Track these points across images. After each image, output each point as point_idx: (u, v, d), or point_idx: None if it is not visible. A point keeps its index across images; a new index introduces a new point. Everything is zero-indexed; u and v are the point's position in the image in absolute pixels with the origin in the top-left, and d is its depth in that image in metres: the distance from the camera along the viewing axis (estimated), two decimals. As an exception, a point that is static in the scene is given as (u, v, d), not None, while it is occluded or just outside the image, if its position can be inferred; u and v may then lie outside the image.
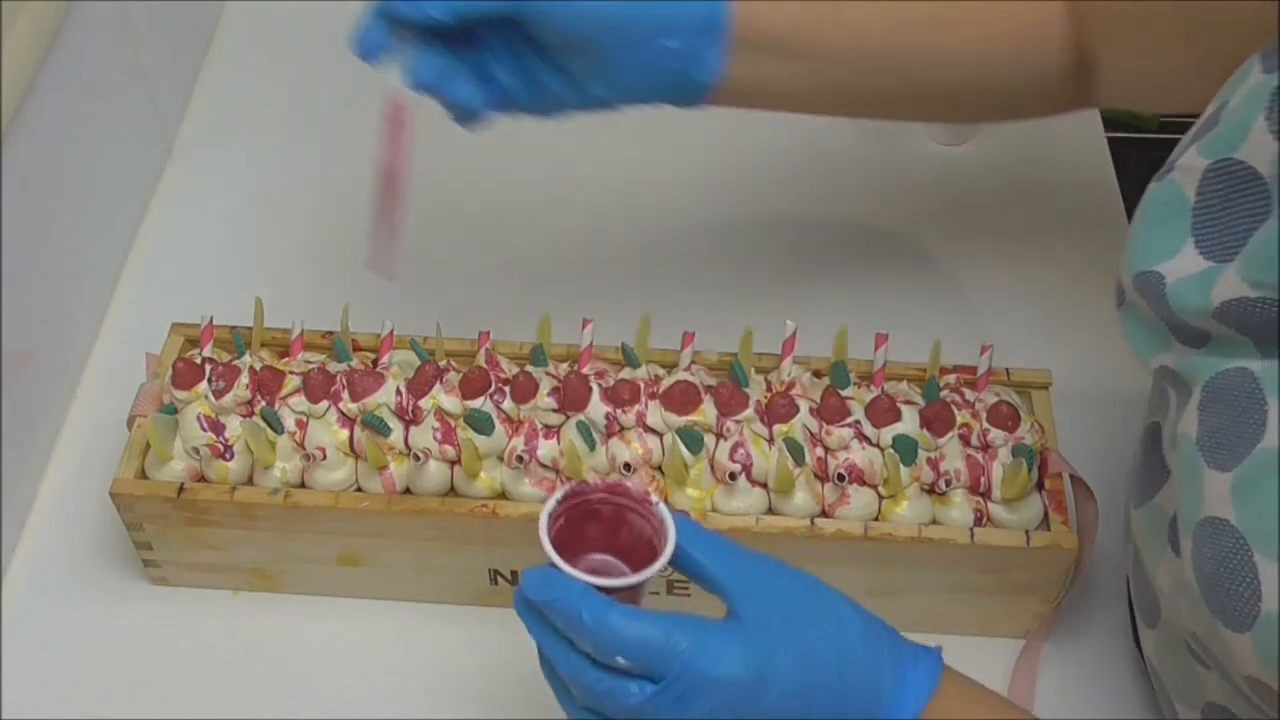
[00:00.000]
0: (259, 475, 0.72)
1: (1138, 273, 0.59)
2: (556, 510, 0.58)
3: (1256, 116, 0.55)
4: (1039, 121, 1.03)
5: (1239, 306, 0.54)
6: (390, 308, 0.76)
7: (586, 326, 0.73)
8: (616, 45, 0.66)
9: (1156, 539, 0.64)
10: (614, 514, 0.59)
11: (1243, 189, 0.56)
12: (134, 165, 0.97)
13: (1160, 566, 0.63)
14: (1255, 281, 0.53)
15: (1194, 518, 0.55)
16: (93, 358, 0.89)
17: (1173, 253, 0.58)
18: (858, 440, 0.71)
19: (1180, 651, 0.63)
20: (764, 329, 0.75)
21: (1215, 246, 0.56)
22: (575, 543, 0.59)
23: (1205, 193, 0.57)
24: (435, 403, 0.72)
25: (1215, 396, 0.55)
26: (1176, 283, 0.57)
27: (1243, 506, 0.52)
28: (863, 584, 0.73)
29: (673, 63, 0.67)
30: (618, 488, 0.59)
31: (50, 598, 0.77)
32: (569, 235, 0.96)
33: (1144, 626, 0.68)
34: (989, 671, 0.74)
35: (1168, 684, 0.66)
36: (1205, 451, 0.55)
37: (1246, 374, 0.54)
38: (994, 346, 0.74)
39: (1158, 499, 0.64)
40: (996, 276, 0.94)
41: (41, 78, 0.78)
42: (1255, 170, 0.55)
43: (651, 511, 0.58)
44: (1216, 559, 0.53)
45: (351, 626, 0.76)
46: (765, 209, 0.98)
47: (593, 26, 0.65)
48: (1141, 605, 0.68)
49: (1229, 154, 0.56)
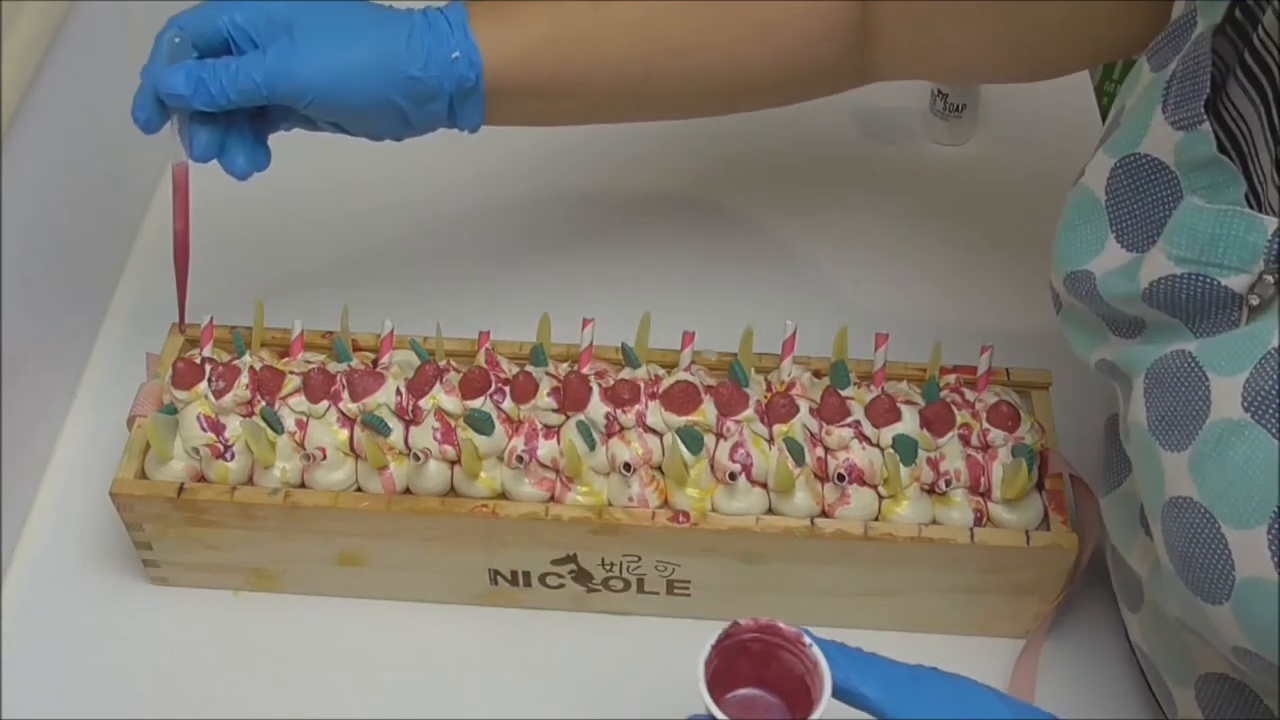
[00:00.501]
0: (259, 475, 0.72)
1: (1067, 274, 0.62)
2: (710, 655, 0.57)
3: (1154, 110, 0.58)
4: (1039, 121, 1.04)
5: (1167, 285, 0.56)
6: (390, 308, 0.76)
7: (586, 326, 0.73)
8: (377, 121, 0.71)
9: (1128, 525, 0.65)
10: (764, 649, 0.59)
11: (1151, 179, 0.58)
12: (134, 165, 0.97)
13: (1134, 552, 0.65)
14: (1180, 259, 0.55)
15: (1159, 501, 0.56)
16: (93, 358, 0.89)
17: (1097, 250, 0.60)
18: (858, 440, 0.71)
19: (1167, 629, 0.64)
20: (764, 329, 0.75)
21: (1134, 237, 0.59)
22: (724, 677, 0.58)
23: (1115, 189, 0.60)
24: (435, 403, 0.72)
25: (1158, 382, 0.57)
26: (1104, 276, 0.59)
27: (1202, 481, 0.53)
28: (863, 584, 0.73)
29: (435, 121, 0.72)
30: (770, 628, 0.58)
31: (50, 598, 0.77)
32: (569, 235, 0.96)
33: (1128, 612, 0.69)
34: (989, 671, 0.74)
35: (1158, 664, 0.67)
36: (1158, 435, 0.56)
37: (1184, 355, 0.56)
38: (994, 346, 0.74)
39: (1124, 487, 0.66)
40: (996, 276, 0.94)
41: (41, 78, 0.78)
42: (1159, 160, 0.57)
43: (805, 652, 0.57)
44: (1185, 537, 0.54)
45: (351, 626, 0.76)
46: (765, 209, 0.98)
47: (350, 113, 0.70)
48: (1123, 591, 0.70)
49: (1132, 149, 0.59)
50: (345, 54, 0.68)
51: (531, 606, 0.76)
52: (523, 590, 0.75)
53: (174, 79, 0.67)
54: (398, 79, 0.68)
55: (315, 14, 0.68)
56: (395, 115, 0.70)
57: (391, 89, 0.69)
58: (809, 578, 0.73)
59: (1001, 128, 1.03)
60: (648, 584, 0.74)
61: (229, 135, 0.71)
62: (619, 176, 1.00)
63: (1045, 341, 0.88)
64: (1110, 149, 0.61)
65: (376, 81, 0.68)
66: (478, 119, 0.72)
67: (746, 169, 1.00)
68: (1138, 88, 0.61)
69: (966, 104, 0.99)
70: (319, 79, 0.67)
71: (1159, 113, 0.57)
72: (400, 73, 0.68)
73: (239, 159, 0.72)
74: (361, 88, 0.68)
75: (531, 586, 0.75)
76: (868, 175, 1.00)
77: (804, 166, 0.99)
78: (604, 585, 0.74)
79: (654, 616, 0.76)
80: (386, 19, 0.70)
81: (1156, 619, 0.66)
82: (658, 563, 0.72)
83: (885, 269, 0.94)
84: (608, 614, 0.76)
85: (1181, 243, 0.55)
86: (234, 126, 0.71)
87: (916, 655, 0.75)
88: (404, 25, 0.69)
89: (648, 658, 0.75)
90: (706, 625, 0.75)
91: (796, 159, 1.01)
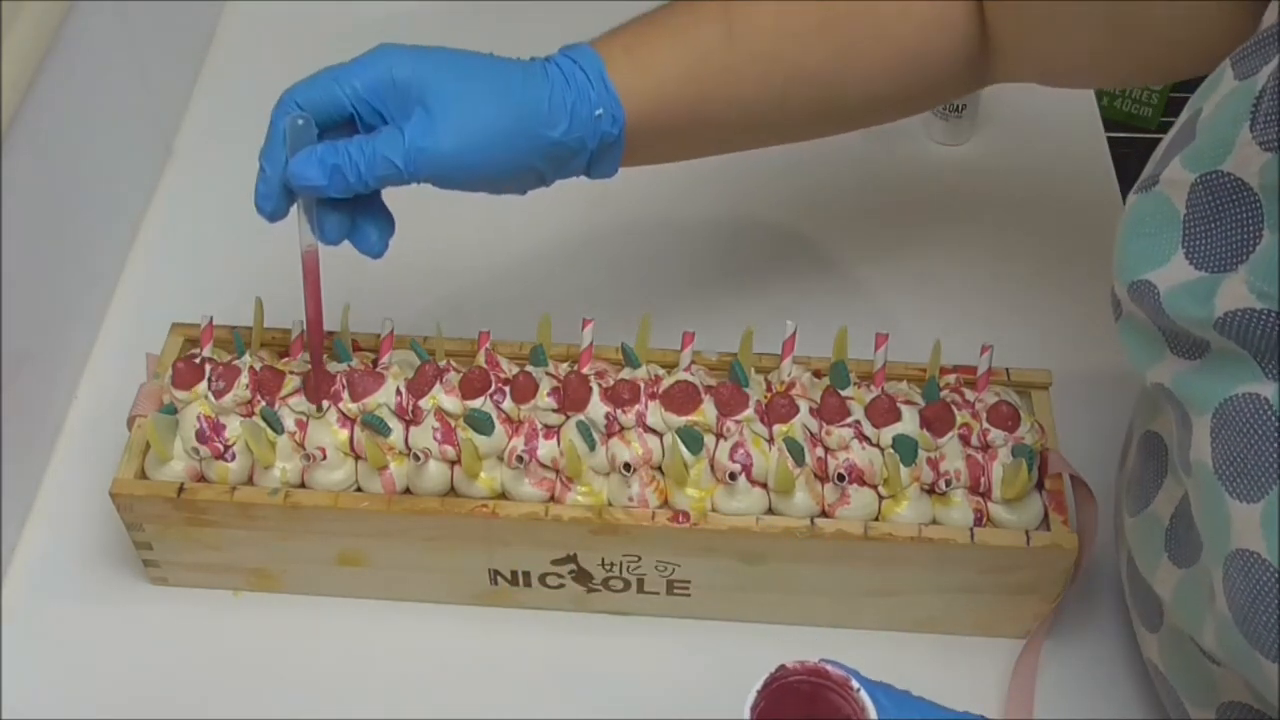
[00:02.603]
0: (259, 475, 0.72)
1: (1130, 282, 0.59)
2: (757, 700, 0.57)
3: (1240, 127, 0.55)
4: (1039, 121, 1.04)
5: (1243, 318, 0.53)
6: (390, 308, 0.76)
7: (586, 326, 0.73)
8: (511, 184, 0.67)
9: (1152, 547, 0.64)
10: (812, 691, 0.58)
11: (1232, 200, 0.55)
12: (134, 165, 0.97)
13: (1158, 574, 0.63)
14: (1261, 293, 0.53)
15: (1222, 549, 0.54)
16: (93, 358, 0.89)
17: (1162, 261, 0.58)
18: (858, 440, 0.71)
19: (1189, 653, 0.63)
20: (764, 329, 0.75)
21: (1206, 257, 0.56)
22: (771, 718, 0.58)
23: (1195, 205, 0.57)
24: (435, 403, 0.72)
25: (1227, 424, 0.54)
26: (1170, 290, 0.57)
27: (1273, 539, 0.51)
28: (863, 584, 0.73)
29: (570, 175, 0.69)
30: (818, 671, 0.57)
31: (50, 598, 0.77)
32: (569, 235, 0.96)
33: (1145, 631, 0.68)
34: (989, 671, 0.75)
35: (1176, 687, 0.66)
36: (1225, 480, 0.54)
37: (1260, 401, 0.53)
38: (994, 346, 0.74)
39: (1153, 507, 0.64)
40: (996, 276, 0.94)
41: (41, 78, 0.78)
42: (1243, 181, 0.55)
43: (853, 696, 0.57)
44: (1250, 593, 0.52)
45: (351, 626, 0.76)
46: (765, 209, 0.98)
47: (485, 182, 0.66)
48: (1141, 610, 0.68)
49: (1215, 166, 0.56)
50: (486, 125, 0.63)
51: (531, 606, 0.76)
52: (523, 590, 0.75)
53: (307, 169, 0.63)
54: (541, 144, 0.65)
55: (446, 78, 0.64)
56: (532, 177, 0.67)
57: (534, 155, 0.65)
58: (809, 578, 0.73)
59: (1001, 128, 1.03)
60: (648, 584, 0.74)
61: (358, 213, 0.67)
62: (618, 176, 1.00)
63: (1045, 341, 0.88)
64: (1191, 162, 0.57)
65: (519, 150, 0.65)
66: (614, 169, 0.70)
67: (746, 169, 1.00)
68: (1217, 95, 0.57)
69: (966, 104, 0.99)
70: (461, 156, 0.63)
71: (1246, 130, 0.54)
72: (544, 138, 0.65)
73: (372, 236, 0.67)
74: (504, 158, 0.64)
75: (531, 586, 0.75)
76: (868, 175, 1.00)
77: (804, 166, 0.99)
78: (604, 585, 0.74)
79: (654, 616, 0.76)
80: (521, 76, 0.65)
81: (1178, 642, 0.64)
82: (658, 563, 0.72)
83: (885, 269, 0.94)
84: (608, 614, 0.76)
85: (1266, 276, 0.52)
86: (360, 201, 0.67)
87: (916, 655, 0.75)
88: (542, 84, 0.65)
89: (648, 658, 0.75)
90: (706, 625, 0.76)
91: (796, 159, 1.00)
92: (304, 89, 0.65)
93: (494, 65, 0.66)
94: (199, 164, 1.01)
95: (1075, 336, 0.89)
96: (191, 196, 0.99)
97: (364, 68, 0.64)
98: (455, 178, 0.65)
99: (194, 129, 1.04)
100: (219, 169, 1.01)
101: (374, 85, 0.64)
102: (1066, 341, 0.89)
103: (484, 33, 1.12)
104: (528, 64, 0.67)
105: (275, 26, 1.11)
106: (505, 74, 0.65)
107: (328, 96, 0.64)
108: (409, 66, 0.64)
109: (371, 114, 0.64)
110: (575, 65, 0.66)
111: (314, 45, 1.10)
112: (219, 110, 1.05)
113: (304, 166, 0.63)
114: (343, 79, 0.64)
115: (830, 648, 0.75)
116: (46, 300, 0.83)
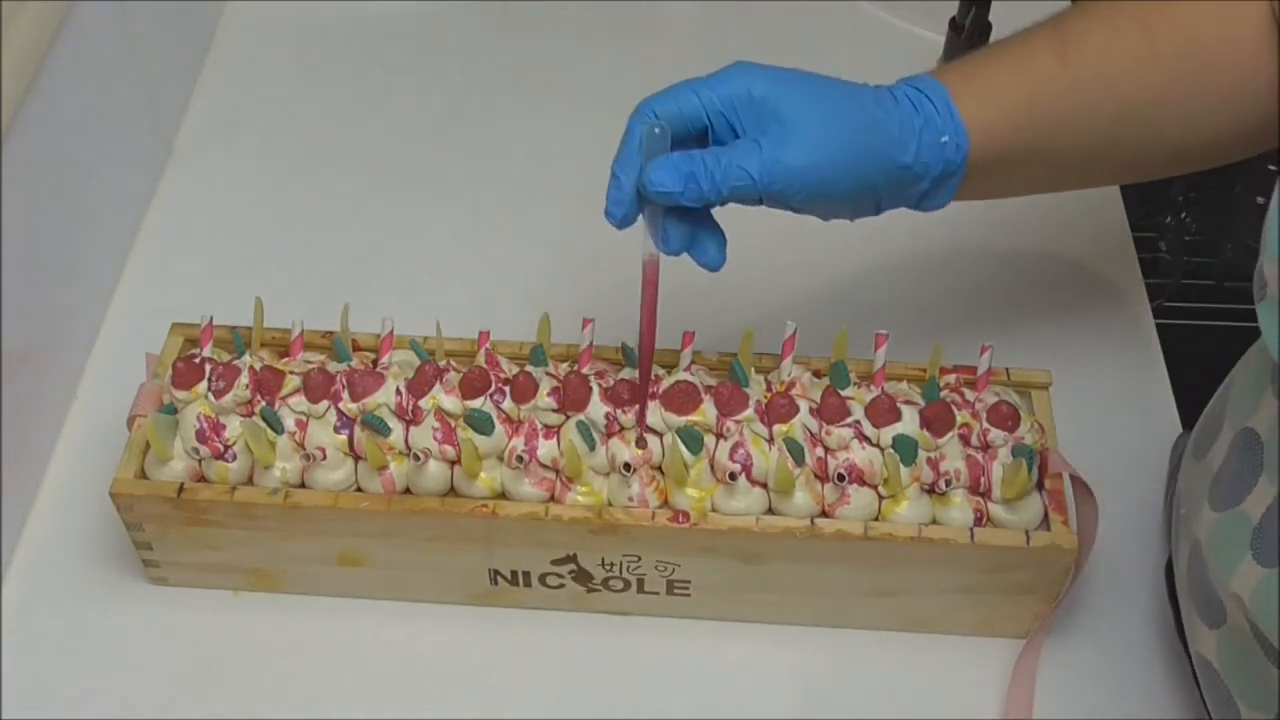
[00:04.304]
0: (259, 475, 0.72)
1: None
2: None
3: None
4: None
5: None
6: (390, 308, 0.76)
7: (586, 326, 0.73)
8: (848, 208, 0.68)
9: (1235, 546, 0.62)
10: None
11: None
12: (134, 165, 0.97)
13: (1237, 572, 0.62)
14: None
15: None
16: (93, 358, 0.89)
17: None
18: (858, 440, 0.71)
19: (1251, 653, 0.62)
20: (764, 329, 0.75)
21: None
22: None
23: None
24: (435, 403, 0.72)
25: None
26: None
27: None
28: (863, 584, 0.73)
29: (904, 203, 0.69)
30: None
31: (50, 598, 0.77)
32: (569, 235, 0.96)
33: (1203, 627, 0.67)
34: (989, 671, 0.75)
35: (1231, 686, 0.65)
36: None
37: None
38: (994, 346, 0.74)
39: (1243, 506, 0.63)
40: (996, 276, 0.94)
41: (41, 78, 0.78)
42: None
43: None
44: None
45: (351, 626, 0.76)
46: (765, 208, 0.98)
47: (828, 203, 0.66)
48: (1201, 605, 0.67)
49: None
50: (841, 144, 0.64)
51: (531, 606, 0.76)
52: (523, 590, 0.75)
53: (664, 176, 0.63)
54: (889, 167, 0.65)
55: (803, 97, 0.64)
56: (870, 201, 0.67)
57: (879, 176, 0.65)
58: (809, 578, 0.73)
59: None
60: (648, 584, 0.74)
61: (698, 227, 0.68)
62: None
63: (1045, 341, 0.88)
64: None
65: (868, 169, 0.65)
66: (948, 199, 0.69)
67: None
68: None
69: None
70: (813, 171, 0.64)
71: None
72: (893, 161, 0.65)
73: (710, 249, 0.68)
74: (853, 176, 0.65)
75: (531, 586, 0.75)
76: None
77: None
78: (604, 585, 0.74)
79: (654, 616, 0.76)
80: (871, 101, 0.66)
81: (1241, 641, 0.63)
82: (658, 563, 0.72)
83: (885, 269, 0.94)
84: (608, 614, 0.76)
85: None
86: (700, 215, 0.68)
87: (916, 655, 0.75)
88: (893, 109, 0.66)
89: (648, 658, 0.75)
90: (706, 625, 0.76)
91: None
92: (662, 99, 0.65)
93: (847, 88, 0.67)
94: (199, 164, 1.01)
95: (1075, 336, 0.89)
96: (191, 196, 1.00)
97: (721, 82, 0.65)
98: (803, 195, 0.65)
99: (194, 129, 1.04)
100: (219, 169, 1.02)
101: (731, 99, 0.65)
102: (1066, 341, 0.89)
103: (484, 33, 1.13)
104: (876, 89, 0.67)
105: (275, 26, 1.11)
106: (858, 97, 0.66)
107: (686, 107, 0.65)
108: (766, 84, 0.64)
109: (725, 127, 0.65)
110: (920, 94, 0.67)
111: (314, 45, 1.11)
112: (219, 110, 1.06)
113: (661, 173, 0.63)
114: (702, 90, 0.65)
115: (830, 647, 0.76)
116: (46, 300, 0.83)
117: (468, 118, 1.05)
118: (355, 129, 1.05)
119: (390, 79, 1.08)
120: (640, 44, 1.11)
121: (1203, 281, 1.15)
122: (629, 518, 0.70)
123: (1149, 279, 0.94)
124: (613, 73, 1.08)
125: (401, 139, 1.04)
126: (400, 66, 1.09)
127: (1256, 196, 1.16)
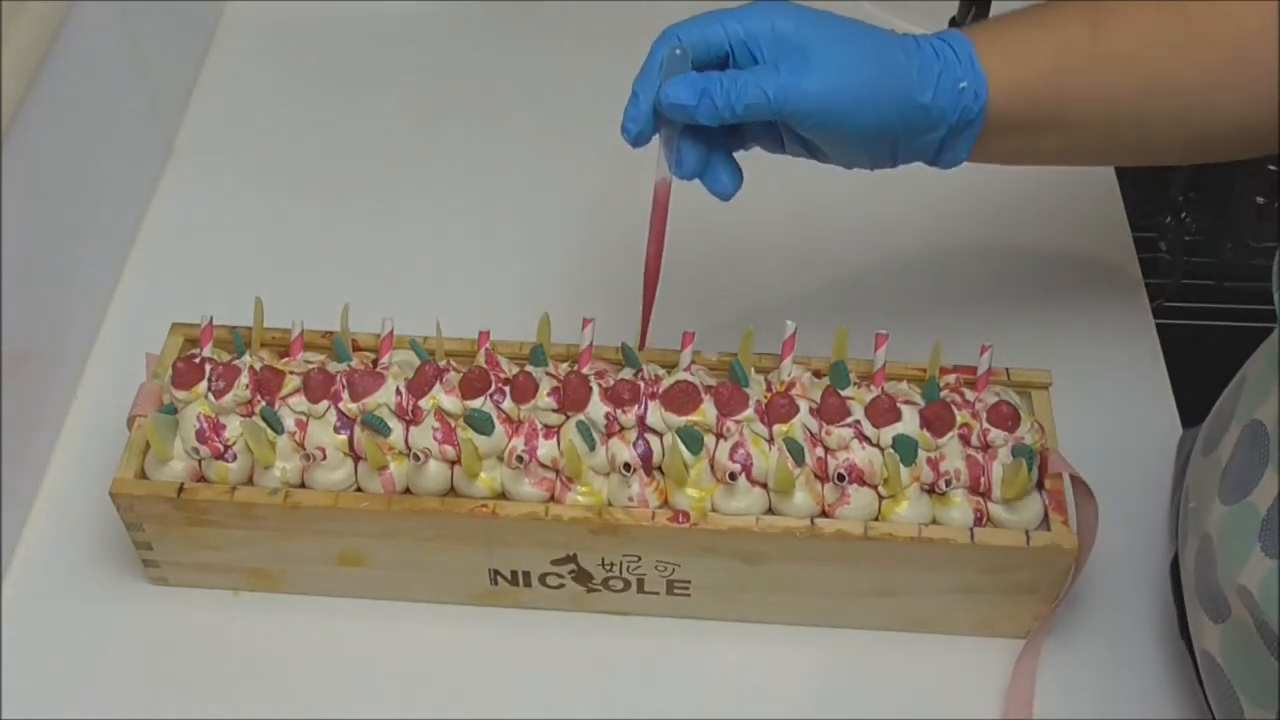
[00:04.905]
0: (259, 475, 0.72)
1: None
2: None
3: None
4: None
5: None
6: (390, 308, 0.76)
7: (586, 326, 0.73)
8: (867, 149, 0.69)
9: (1243, 538, 0.63)
10: None
11: None
12: (134, 165, 0.98)
13: (1247, 564, 0.62)
14: None
15: None
16: (93, 358, 0.89)
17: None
18: (858, 440, 0.71)
19: (1255, 648, 0.62)
20: (764, 329, 0.75)
21: None
22: None
23: None
24: (435, 403, 0.72)
25: None
26: None
27: None
28: (863, 584, 0.73)
29: (921, 154, 0.70)
30: None
31: (50, 598, 0.77)
32: (569, 235, 0.96)
33: (1208, 621, 0.67)
34: (989, 671, 0.75)
35: (1234, 681, 0.65)
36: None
37: None
38: (994, 346, 0.74)
39: (1251, 498, 0.63)
40: (996, 276, 0.94)
41: (41, 78, 0.78)
42: None
43: None
44: None
45: (351, 626, 0.76)
46: (765, 208, 0.98)
47: (846, 137, 0.67)
48: (1207, 599, 0.67)
49: None
50: (859, 74, 0.65)
51: (531, 606, 0.76)
52: (523, 590, 0.75)
53: (678, 90, 0.65)
54: (906, 105, 0.66)
55: (825, 31, 0.66)
56: (887, 144, 0.68)
57: (896, 115, 0.67)
58: (809, 578, 0.73)
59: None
60: (648, 584, 0.74)
61: (713, 154, 0.69)
62: (619, 176, 1.00)
63: (1045, 341, 0.88)
64: None
65: (884, 105, 0.66)
66: (964, 155, 0.70)
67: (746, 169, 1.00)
68: None
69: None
70: (829, 98, 0.65)
71: None
72: (909, 99, 0.66)
73: (723, 177, 0.70)
74: (869, 111, 0.66)
75: (531, 586, 0.75)
76: (867, 174, 1.00)
77: (804, 165, 0.99)
78: (604, 585, 0.74)
79: (654, 616, 0.76)
80: (894, 43, 0.67)
81: (1245, 636, 0.63)
82: (658, 563, 0.72)
83: (885, 269, 0.94)
84: (608, 614, 0.76)
85: None
86: (716, 145, 0.69)
87: (916, 655, 0.75)
88: (913, 51, 0.67)
89: (648, 658, 0.75)
90: (706, 625, 0.76)
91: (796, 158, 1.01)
92: (687, 26, 0.67)
93: (871, 29, 0.68)
94: (199, 164, 1.02)
95: (1075, 336, 0.89)
96: (191, 196, 1.00)
97: (748, 15, 0.66)
98: (818, 121, 0.66)
99: (194, 129, 1.04)
100: (219, 169, 1.02)
101: (755, 30, 0.66)
102: (1066, 341, 0.89)
103: (484, 33, 1.13)
104: (901, 35, 0.69)
105: (275, 26, 1.11)
106: (880, 37, 0.67)
107: (709, 34, 0.66)
108: (792, 21, 0.66)
109: (746, 56, 0.66)
110: (945, 43, 0.68)
111: (313, 45, 1.11)
112: (219, 110, 1.06)
113: (676, 88, 0.65)
114: (728, 21, 0.66)
115: (830, 648, 0.76)
116: (46, 300, 0.83)
117: (468, 117, 1.05)
118: (355, 129, 1.05)
119: (390, 79, 1.08)
120: (640, 44, 1.10)
121: (1203, 281, 1.15)
122: (629, 518, 0.70)
123: (1149, 279, 0.94)
124: (613, 73, 1.07)
125: (402, 139, 1.04)
126: (400, 66, 1.09)
127: (1256, 196, 1.15)
